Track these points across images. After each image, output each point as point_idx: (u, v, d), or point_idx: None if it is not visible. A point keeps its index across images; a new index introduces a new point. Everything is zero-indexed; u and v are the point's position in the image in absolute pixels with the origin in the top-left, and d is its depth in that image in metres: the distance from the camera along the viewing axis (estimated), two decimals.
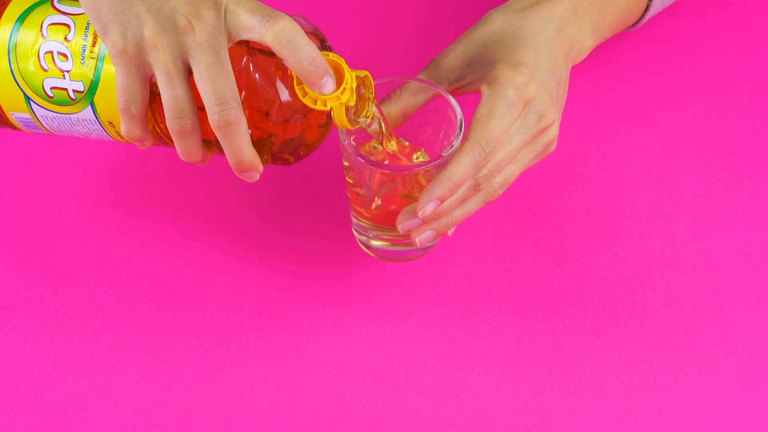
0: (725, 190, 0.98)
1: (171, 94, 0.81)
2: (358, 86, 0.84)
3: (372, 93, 0.86)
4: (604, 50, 1.06)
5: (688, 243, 0.96)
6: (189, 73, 0.81)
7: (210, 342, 0.92)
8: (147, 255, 0.96)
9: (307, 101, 0.82)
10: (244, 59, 0.82)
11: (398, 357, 0.91)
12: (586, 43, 0.92)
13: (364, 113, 0.85)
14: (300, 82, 0.82)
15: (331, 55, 0.83)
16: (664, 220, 0.97)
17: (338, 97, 0.82)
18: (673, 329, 0.92)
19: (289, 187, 0.99)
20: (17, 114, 0.89)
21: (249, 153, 0.83)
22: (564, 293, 0.94)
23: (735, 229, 0.96)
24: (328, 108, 0.82)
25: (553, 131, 0.89)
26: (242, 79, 0.82)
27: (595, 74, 1.05)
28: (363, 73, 0.84)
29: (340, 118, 0.83)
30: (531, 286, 0.94)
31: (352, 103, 0.83)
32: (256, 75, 0.83)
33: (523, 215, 0.97)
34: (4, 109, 0.89)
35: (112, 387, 0.90)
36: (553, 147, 0.90)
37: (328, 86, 0.82)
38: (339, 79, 0.83)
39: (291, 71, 0.83)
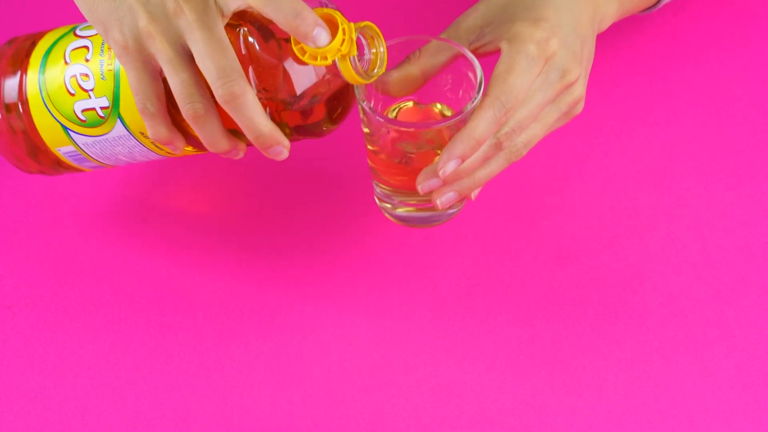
0: (725, 190, 0.98)
1: (177, 81, 0.80)
2: (359, 37, 0.82)
3: (381, 42, 0.83)
4: (605, 49, 1.06)
5: (688, 243, 0.96)
6: (191, 57, 0.80)
7: (210, 342, 0.92)
8: (147, 255, 0.96)
9: (307, 59, 0.79)
10: (242, 31, 0.81)
11: (398, 357, 0.91)
12: (610, 8, 0.90)
13: (377, 65, 0.82)
14: (297, 42, 0.80)
15: (325, 10, 0.80)
16: (664, 220, 0.97)
17: (339, 50, 0.79)
18: (673, 329, 0.92)
19: (289, 186, 0.99)
20: (63, 149, 0.89)
21: (265, 125, 0.80)
22: (564, 293, 0.94)
23: (735, 229, 0.96)
24: (329, 62, 0.79)
25: (578, 90, 0.86)
26: (246, 57, 0.81)
27: (596, 73, 1.04)
28: (363, 23, 0.81)
29: (348, 72, 0.80)
30: (531, 286, 0.94)
31: (354, 53, 0.80)
32: (257, 46, 0.81)
33: (523, 215, 0.97)
34: (51, 147, 0.89)
35: (112, 387, 0.90)
36: (579, 108, 0.87)
37: (322, 38, 0.79)
38: (335, 32, 0.79)
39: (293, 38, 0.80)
